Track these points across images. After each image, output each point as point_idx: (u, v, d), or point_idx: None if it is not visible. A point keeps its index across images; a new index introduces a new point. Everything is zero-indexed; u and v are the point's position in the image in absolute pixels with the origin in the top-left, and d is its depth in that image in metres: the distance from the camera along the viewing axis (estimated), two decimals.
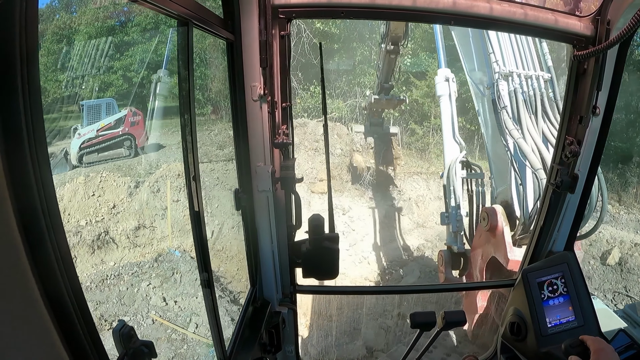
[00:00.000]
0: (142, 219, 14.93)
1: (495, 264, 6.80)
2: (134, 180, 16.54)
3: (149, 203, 15.16)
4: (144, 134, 20.52)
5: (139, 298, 12.03)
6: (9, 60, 0.76)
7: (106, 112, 20.82)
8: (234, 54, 2.29)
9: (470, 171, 8.32)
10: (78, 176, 16.52)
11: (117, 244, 14.30)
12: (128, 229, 14.67)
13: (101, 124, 20.10)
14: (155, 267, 13.28)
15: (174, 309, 11.76)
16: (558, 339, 2.75)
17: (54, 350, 0.90)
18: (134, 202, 15.48)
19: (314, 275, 2.63)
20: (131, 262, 13.64)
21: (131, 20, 26.38)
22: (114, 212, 15.18)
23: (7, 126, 0.75)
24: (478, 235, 7.41)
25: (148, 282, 12.53)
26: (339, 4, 2.29)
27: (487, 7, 2.32)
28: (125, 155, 19.90)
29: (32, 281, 0.82)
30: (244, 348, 2.46)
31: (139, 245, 14.40)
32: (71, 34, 25.15)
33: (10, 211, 0.77)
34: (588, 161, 2.74)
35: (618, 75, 2.52)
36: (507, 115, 6.67)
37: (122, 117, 20.44)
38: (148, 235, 14.70)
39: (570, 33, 2.46)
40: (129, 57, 25.92)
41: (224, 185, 16.12)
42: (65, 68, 22.57)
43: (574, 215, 2.98)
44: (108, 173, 16.67)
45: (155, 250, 14.13)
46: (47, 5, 26.64)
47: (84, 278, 12.84)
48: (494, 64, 6.88)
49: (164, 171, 16.17)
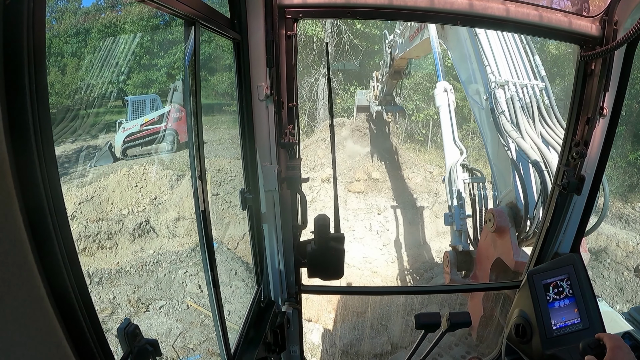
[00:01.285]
0: (182, 211, 15.42)
1: (500, 266, 6.78)
2: (175, 173, 17.10)
3: (190, 195, 15.45)
4: (186, 130, 20.56)
5: (176, 284, 12.53)
6: (17, 59, 0.76)
7: (150, 107, 21.52)
8: (241, 54, 2.29)
9: (472, 175, 8.40)
10: (122, 168, 17.20)
11: (157, 233, 14.87)
12: (168, 219, 15.22)
13: (145, 119, 20.77)
14: (192, 257, 13.70)
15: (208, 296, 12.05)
16: (563, 341, 2.74)
17: (59, 348, 0.90)
18: (175, 195, 16.07)
19: (319, 275, 2.63)
20: (170, 250, 14.13)
21: (175, 19, 26.80)
22: (155, 203, 15.82)
23: (14, 124, 0.76)
24: (484, 237, 7.39)
25: (185, 270, 12.98)
26: (346, 4, 2.29)
27: (493, 7, 2.32)
28: (168, 149, 20.30)
29: (38, 279, 0.83)
30: (249, 347, 2.46)
31: (178, 236, 14.88)
32: (116, 32, 25.87)
33: (17, 209, 0.77)
34: (595, 162, 2.72)
35: (625, 77, 2.50)
36: (505, 119, 6.84)
37: (165, 113, 20.96)
38: (187, 226, 15.14)
39: (577, 34, 2.44)
40: (173, 54, 26.48)
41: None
42: (110, 65, 23.09)
43: (580, 216, 2.96)
44: (151, 166, 17.32)
45: (193, 241, 14.53)
46: (92, 4, 27.25)
47: (124, 263, 13.44)
48: (490, 74, 7.09)
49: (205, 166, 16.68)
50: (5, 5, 0.73)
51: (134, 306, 11.74)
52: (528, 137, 6.55)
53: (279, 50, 2.33)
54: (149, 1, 1.38)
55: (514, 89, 6.95)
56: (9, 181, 0.75)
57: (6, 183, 0.74)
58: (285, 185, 2.58)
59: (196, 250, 13.82)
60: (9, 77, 0.75)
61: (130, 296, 12.06)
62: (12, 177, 0.75)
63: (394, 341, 10.23)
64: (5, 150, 0.73)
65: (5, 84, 0.74)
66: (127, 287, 12.39)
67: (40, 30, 0.80)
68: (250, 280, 12.37)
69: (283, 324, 2.83)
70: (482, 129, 7.66)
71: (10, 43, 0.75)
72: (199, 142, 1.87)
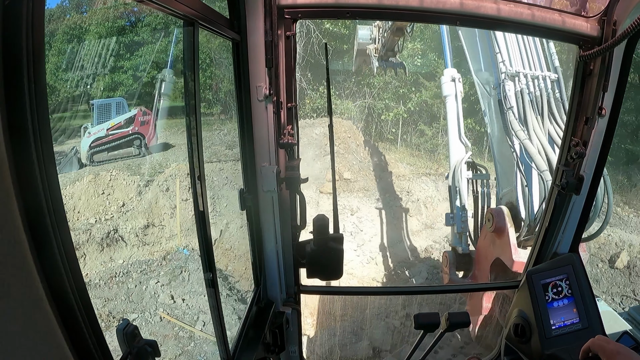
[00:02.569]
0: (151, 218, 15.06)
1: (499, 265, 6.79)
2: (143, 179, 16.66)
3: (158, 202, 15.32)
4: (153, 134, 20.62)
5: (147, 295, 12.19)
6: (16, 60, 0.76)
7: (116, 111, 20.96)
8: (240, 54, 2.29)
9: (476, 172, 8.29)
10: (88, 174, 16.69)
11: (126, 242, 14.43)
12: (137, 227, 14.79)
13: (111, 123, 20.26)
14: (163, 265, 13.43)
15: (182, 306, 11.89)
16: (562, 341, 2.74)
17: (58, 349, 0.90)
18: (143, 201, 15.61)
19: (318, 275, 2.64)
20: (140, 260, 13.80)
21: (141, 20, 26.46)
22: (124, 211, 15.32)
23: (13, 125, 0.76)
24: (483, 237, 7.40)
25: (156, 280, 12.67)
26: (345, 5, 2.29)
27: (493, 7, 2.32)
28: (135, 154, 20.02)
29: (37, 280, 0.82)
30: (248, 348, 2.46)
31: (148, 244, 14.52)
32: (81, 33, 25.24)
33: (16, 210, 0.77)
34: (594, 162, 2.73)
35: (624, 77, 2.50)
36: (514, 116, 6.63)
37: (132, 117, 20.59)
38: (157, 233, 14.83)
39: (576, 34, 2.45)
40: (139, 56, 25.96)
41: (227, 185, 16.22)
42: (76, 67, 22.60)
43: (579, 216, 2.96)
44: (118, 172, 16.80)
45: (163, 249, 14.28)
46: (57, 5, 26.84)
47: (93, 275, 12.99)
48: (501, 64, 6.82)
49: (172, 170, 16.37)
50: (4, 6, 0.72)
51: (105, 320, 11.51)
52: (535, 137, 6.42)
53: (278, 51, 2.33)
54: (149, 1, 1.38)
55: (525, 81, 6.71)
56: (8, 182, 0.74)
57: (5, 183, 0.74)
58: (284, 186, 2.58)
59: (167, 259, 13.59)
60: (8, 77, 0.75)
61: (101, 310, 11.83)
62: (12, 178, 0.75)
63: (375, 345, 10.17)
64: (4, 150, 0.73)
65: (5, 84, 0.74)
66: (97, 300, 12.09)
67: (40, 30, 0.80)
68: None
69: (282, 324, 2.83)
70: (490, 123, 7.49)
71: (9, 43, 0.75)
72: (198, 142, 1.87)
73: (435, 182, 19.15)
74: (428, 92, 23.39)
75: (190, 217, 15.01)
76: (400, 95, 24.32)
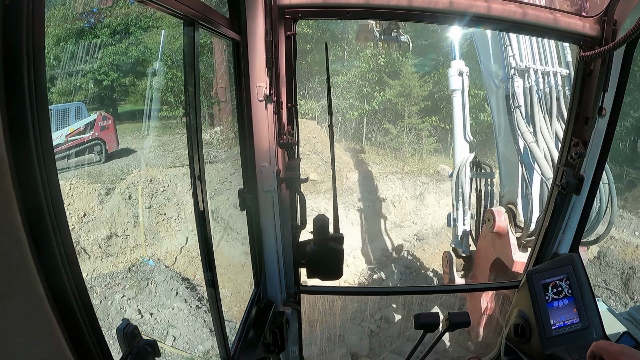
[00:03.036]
0: (114, 227, 14.35)
1: (499, 265, 6.79)
2: (104, 187, 15.95)
3: (121, 210, 14.65)
4: (114, 139, 20.01)
5: (113, 311, 11.61)
6: (16, 59, 0.76)
7: (75, 116, 19.90)
8: (240, 54, 2.29)
9: (480, 170, 8.18)
10: None
11: (89, 254, 13.66)
12: (100, 238, 14.03)
13: (70, 128, 19.22)
14: (129, 278, 12.83)
15: (150, 321, 11.45)
16: (562, 341, 2.75)
17: (59, 349, 0.90)
18: (105, 210, 14.89)
19: (318, 275, 2.64)
20: (104, 273, 13.14)
21: (101, 22, 25.69)
22: (85, 221, 14.59)
23: (13, 125, 0.76)
24: (483, 237, 7.39)
25: (122, 294, 12.09)
26: (345, 4, 2.29)
27: (493, 7, 2.32)
28: (96, 160, 19.27)
29: (37, 280, 0.82)
30: (248, 348, 2.46)
31: (112, 255, 13.85)
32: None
33: (16, 210, 0.77)
34: (594, 162, 2.72)
35: (624, 77, 2.50)
36: (521, 115, 6.46)
37: (91, 122, 19.67)
38: (120, 244, 14.16)
39: (576, 33, 2.44)
40: (99, 59, 25.06)
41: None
42: None
43: (580, 217, 2.96)
44: (78, 180, 15.99)
45: (128, 260, 13.69)
46: None
47: None
48: (510, 57, 6.58)
49: (135, 177, 15.70)
50: (4, 6, 0.72)
51: None
52: (542, 140, 6.28)
53: (279, 51, 2.33)
54: (149, 1, 1.38)
55: (534, 77, 6.45)
56: (8, 182, 0.74)
57: (5, 184, 0.74)
58: (284, 186, 2.58)
59: (132, 271, 13.01)
60: (8, 76, 0.75)
61: None
62: (12, 178, 0.75)
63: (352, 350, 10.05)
64: (4, 150, 0.73)
65: (5, 84, 0.74)
66: None
67: (40, 30, 0.80)
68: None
69: (282, 324, 2.83)
70: (497, 121, 7.32)
71: (9, 43, 0.75)
72: (198, 142, 1.87)
73: (402, 180, 19.07)
74: (392, 91, 23.40)
75: (154, 225, 14.55)
76: (365, 94, 24.33)
